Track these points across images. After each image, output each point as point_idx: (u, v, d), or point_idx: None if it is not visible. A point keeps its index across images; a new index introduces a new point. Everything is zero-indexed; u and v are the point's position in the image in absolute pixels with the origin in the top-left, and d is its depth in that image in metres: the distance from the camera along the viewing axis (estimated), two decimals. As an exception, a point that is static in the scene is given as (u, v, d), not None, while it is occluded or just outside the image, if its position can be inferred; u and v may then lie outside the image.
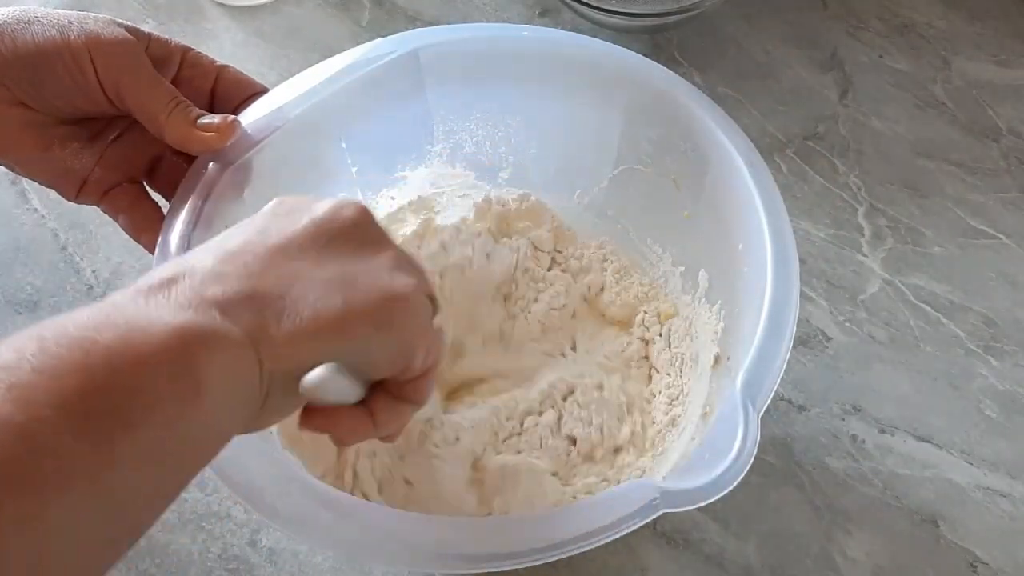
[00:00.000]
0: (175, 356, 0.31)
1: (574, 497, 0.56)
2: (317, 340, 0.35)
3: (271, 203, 0.41)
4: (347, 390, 0.38)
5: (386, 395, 0.40)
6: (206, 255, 0.36)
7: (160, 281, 0.34)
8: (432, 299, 0.41)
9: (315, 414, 0.39)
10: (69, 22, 0.50)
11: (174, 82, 0.54)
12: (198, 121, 0.52)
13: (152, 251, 0.54)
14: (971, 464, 0.62)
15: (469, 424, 0.58)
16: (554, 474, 0.57)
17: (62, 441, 0.28)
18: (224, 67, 0.57)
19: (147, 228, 0.55)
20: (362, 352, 0.37)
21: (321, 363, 0.35)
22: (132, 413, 0.29)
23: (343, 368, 0.36)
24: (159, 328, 0.31)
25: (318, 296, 0.36)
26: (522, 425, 0.59)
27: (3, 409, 0.27)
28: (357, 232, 0.39)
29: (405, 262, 0.40)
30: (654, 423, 0.59)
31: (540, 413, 0.59)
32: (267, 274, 0.36)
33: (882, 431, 0.63)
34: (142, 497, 0.31)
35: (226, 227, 0.54)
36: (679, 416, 0.58)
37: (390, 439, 0.45)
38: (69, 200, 0.55)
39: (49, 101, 0.51)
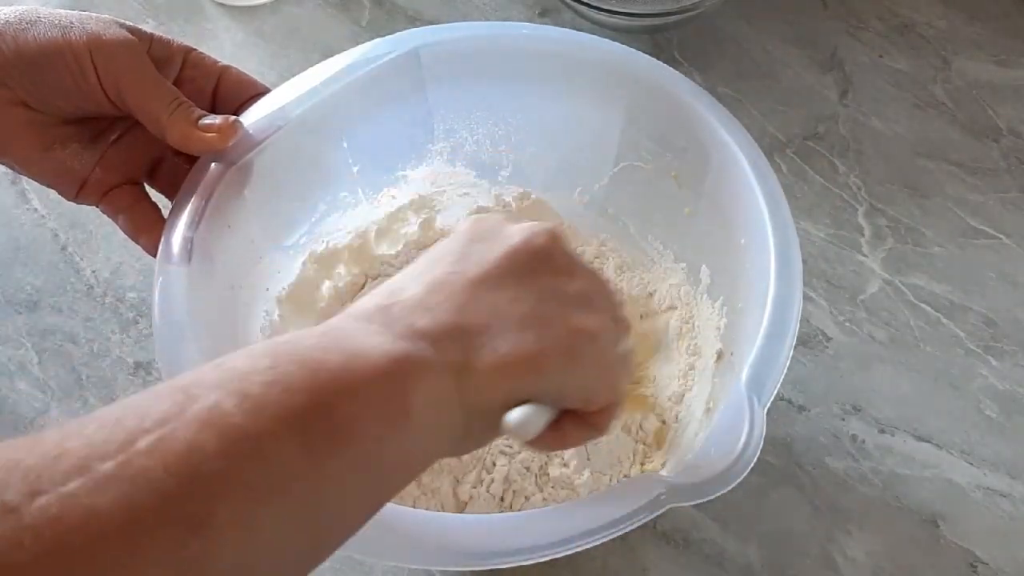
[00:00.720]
0: (389, 383, 0.33)
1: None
2: (513, 377, 0.37)
3: (466, 224, 0.42)
4: (542, 425, 0.39)
5: (574, 419, 0.41)
6: (414, 283, 0.39)
7: (376, 308, 0.37)
8: (620, 322, 0.43)
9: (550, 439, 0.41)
10: (71, 22, 0.50)
11: (176, 82, 0.54)
12: (199, 122, 0.52)
13: (151, 252, 0.54)
14: (971, 464, 0.62)
15: None
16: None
17: (283, 452, 0.30)
18: (226, 68, 0.57)
19: (146, 229, 0.55)
20: (552, 387, 0.39)
21: (518, 400, 0.38)
22: (347, 433, 0.32)
23: (541, 406, 0.38)
24: (378, 356, 0.34)
25: (515, 333, 0.38)
26: None
27: (237, 419, 0.29)
28: (550, 261, 0.41)
29: (596, 292, 0.42)
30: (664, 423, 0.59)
31: None
32: (469, 308, 0.38)
33: (882, 431, 0.63)
34: (347, 510, 0.33)
35: (228, 227, 0.54)
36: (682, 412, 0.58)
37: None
38: (69, 200, 0.55)
39: (50, 101, 0.51)
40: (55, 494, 0.25)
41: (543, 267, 0.41)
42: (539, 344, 0.38)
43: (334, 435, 0.31)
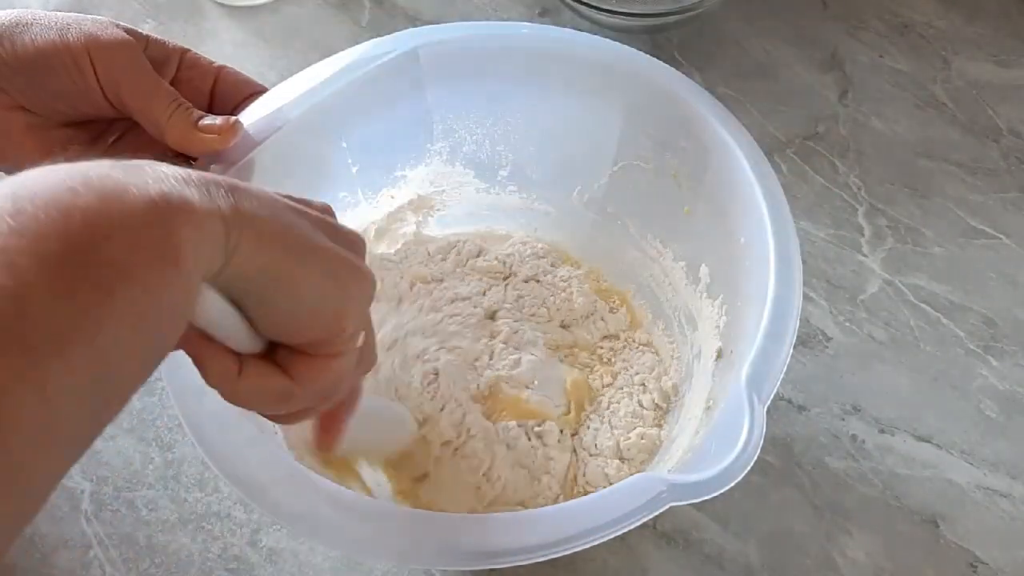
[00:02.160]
0: (153, 223, 0.31)
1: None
2: (272, 247, 0.35)
3: None
4: (236, 324, 0.37)
5: (303, 355, 0.39)
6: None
7: (132, 163, 0.34)
8: (370, 279, 0.41)
9: (192, 337, 0.38)
10: (67, 24, 0.50)
11: (173, 83, 0.54)
12: (199, 123, 0.52)
13: None
14: (971, 464, 0.62)
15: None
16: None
17: (52, 305, 0.28)
18: (222, 67, 0.57)
19: None
20: (296, 282, 0.36)
21: (258, 280, 0.35)
22: (113, 278, 0.29)
23: (232, 305, 0.36)
24: (137, 194, 0.31)
25: (292, 220, 0.36)
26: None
27: None
28: (325, 211, 0.41)
29: (361, 247, 0.41)
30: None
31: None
32: (248, 186, 0.36)
33: (882, 431, 0.63)
34: (128, 359, 0.31)
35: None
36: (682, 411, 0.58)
37: (325, 440, 0.46)
38: None
39: (49, 104, 0.51)
40: None
41: (324, 210, 0.40)
42: (307, 236, 0.37)
43: (99, 283, 0.29)
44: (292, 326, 0.38)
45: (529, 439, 0.58)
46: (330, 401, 0.43)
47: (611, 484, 0.55)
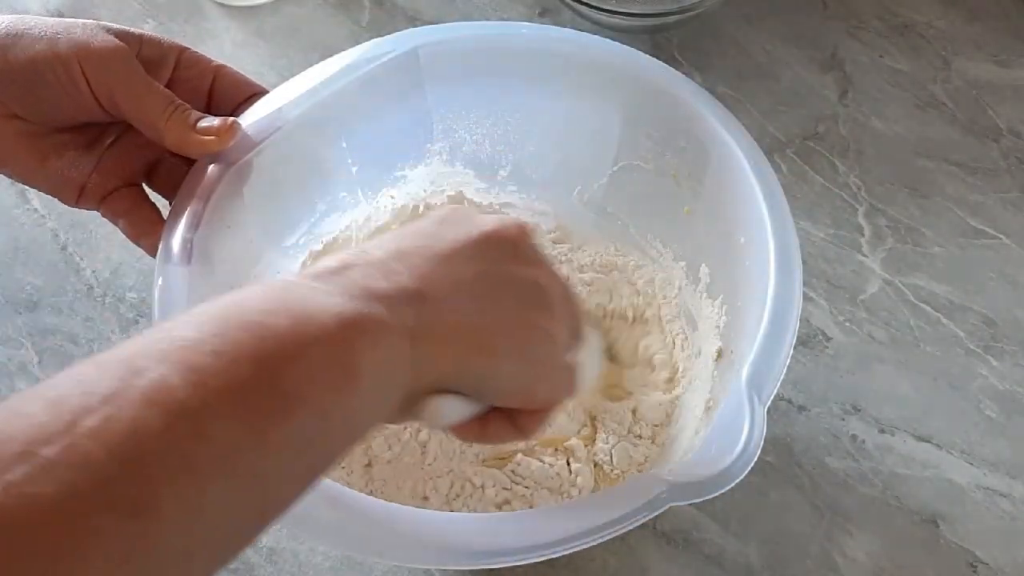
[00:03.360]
0: (338, 346, 0.33)
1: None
2: (462, 351, 0.37)
3: (443, 210, 0.43)
4: (462, 411, 0.40)
5: (502, 418, 0.42)
6: (378, 250, 0.38)
7: (332, 269, 0.36)
8: (575, 333, 0.44)
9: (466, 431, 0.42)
10: (57, 33, 0.49)
11: (169, 83, 0.54)
12: (197, 125, 0.51)
13: (153, 254, 0.53)
14: (971, 464, 0.62)
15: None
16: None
17: (228, 428, 0.29)
18: (221, 67, 0.56)
19: (146, 232, 0.54)
20: (496, 373, 0.39)
21: (461, 379, 0.38)
22: (292, 404, 0.31)
23: (466, 400, 0.39)
24: (326, 318, 0.33)
25: (473, 308, 0.38)
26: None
27: (181, 393, 0.29)
28: (518, 251, 0.41)
29: (558, 294, 0.42)
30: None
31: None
32: (430, 277, 0.38)
33: (882, 431, 0.63)
34: (290, 481, 0.32)
35: (228, 228, 0.54)
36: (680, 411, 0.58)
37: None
38: (70, 206, 0.55)
39: (44, 112, 0.51)
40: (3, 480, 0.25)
41: (510, 256, 0.41)
42: (494, 325, 0.38)
43: (280, 406, 0.31)
44: (504, 401, 0.41)
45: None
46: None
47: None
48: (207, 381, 0.29)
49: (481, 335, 0.38)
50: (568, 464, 0.57)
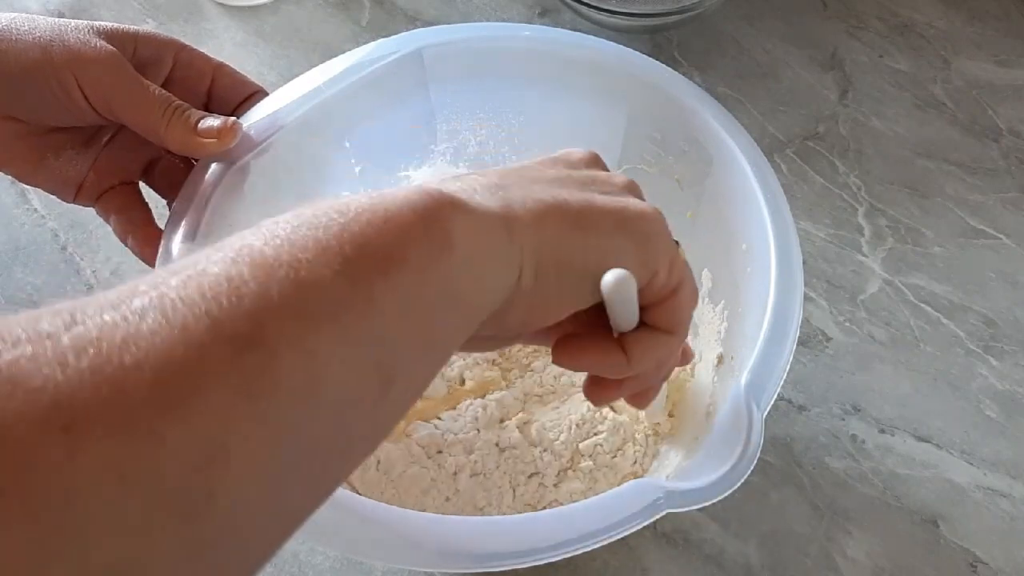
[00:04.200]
0: (422, 212, 0.32)
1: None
2: (561, 226, 0.36)
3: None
4: (632, 305, 0.39)
5: (640, 331, 0.41)
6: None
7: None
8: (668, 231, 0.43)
9: (568, 343, 0.41)
10: (50, 40, 0.49)
11: (168, 81, 0.54)
12: (199, 126, 0.51)
13: (139, 254, 0.54)
14: (971, 464, 0.62)
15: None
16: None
17: (324, 279, 0.29)
18: (220, 66, 0.56)
19: (135, 231, 0.54)
20: (605, 251, 0.38)
21: (572, 255, 0.37)
22: (388, 262, 0.30)
23: (633, 279, 0.37)
24: (407, 192, 0.33)
25: (560, 193, 0.38)
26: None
27: (269, 251, 0.28)
28: (592, 163, 0.42)
29: (640, 193, 0.42)
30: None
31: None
32: (509, 176, 0.38)
33: (882, 431, 0.63)
34: (401, 348, 0.31)
35: (229, 228, 0.54)
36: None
37: (643, 398, 0.46)
38: (67, 203, 0.55)
39: (40, 116, 0.51)
40: (92, 323, 0.24)
41: (586, 165, 0.42)
42: (588, 202, 0.38)
43: (374, 263, 0.30)
44: (639, 275, 0.39)
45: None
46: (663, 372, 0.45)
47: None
48: (293, 242, 0.29)
49: (574, 213, 0.37)
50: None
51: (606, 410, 0.58)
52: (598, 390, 0.43)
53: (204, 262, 0.28)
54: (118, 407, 0.23)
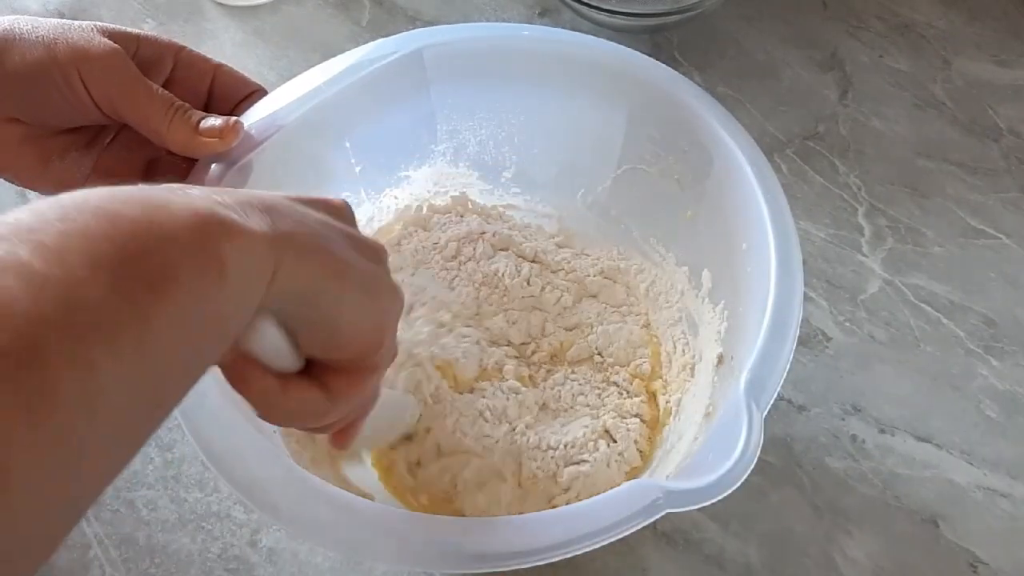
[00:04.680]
0: (198, 236, 0.31)
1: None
2: (322, 272, 0.36)
3: None
4: (284, 351, 0.37)
5: (308, 380, 0.39)
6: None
7: (178, 185, 0.34)
8: (399, 294, 0.42)
9: (236, 366, 0.38)
10: (54, 39, 0.49)
11: (168, 82, 0.54)
12: (200, 126, 0.51)
13: None
14: (971, 464, 0.62)
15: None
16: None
17: (101, 298, 0.27)
18: (220, 66, 0.56)
19: None
20: (340, 303, 0.37)
21: (306, 300, 0.36)
22: (163, 282, 0.29)
23: (283, 330, 0.36)
24: (181, 208, 0.31)
25: (326, 236, 0.37)
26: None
27: (38, 266, 0.26)
28: (348, 216, 0.41)
29: (384, 257, 0.41)
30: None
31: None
32: (277, 205, 0.36)
33: (882, 431, 0.63)
34: (177, 368, 0.31)
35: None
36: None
37: (340, 440, 0.45)
38: None
39: (43, 116, 0.51)
40: None
41: (349, 220, 0.40)
42: (344, 255, 0.37)
43: (149, 284, 0.29)
44: (333, 343, 0.38)
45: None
46: (364, 410, 0.44)
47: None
48: (64, 256, 0.27)
49: (334, 257, 0.36)
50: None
51: (599, 439, 0.58)
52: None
53: None
54: None
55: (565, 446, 0.57)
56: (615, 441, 0.57)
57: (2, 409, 0.24)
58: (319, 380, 0.39)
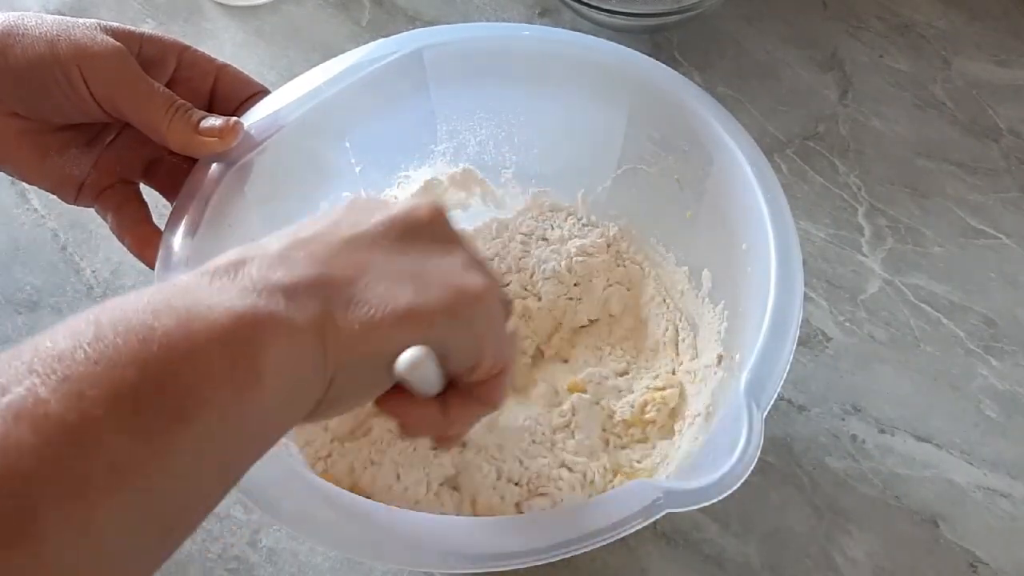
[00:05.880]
0: (234, 343, 0.30)
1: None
2: (386, 329, 0.35)
3: (348, 200, 0.41)
4: (433, 378, 0.38)
5: (459, 391, 0.40)
6: (276, 241, 0.36)
7: (227, 264, 0.34)
8: (505, 303, 0.42)
9: (391, 398, 0.39)
10: (57, 35, 0.49)
11: (171, 82, 0.54)
12: (200, 126, 0.51)
13: (136, 252, 0.54)
14: (971, 464, 0.62)
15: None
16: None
17: (114, 440, 0.27)
18: (223, 66, 0.56)
19: (132, 230, 0.54)
20: (433, 343, 0.36)
21: (404, 347, 0.35)
22: (187, 406, 0.29)
23: (432, 354, 0.36)
24: (220, 313, 0.30)
25: (388, 286, 0.35)
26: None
27: (55, 408, 0.26)
28: (430, 230, 0.39)
29: (478, 263, 0.40)
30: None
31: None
32: (336, 262, 0.35)
33: (882, 431, 0.63)
34: (194, 493, 0.30)
35: (230, 227, 0.54)
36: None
37: (451, 442, 0.46)
38: (68, 203, 0.55)
39: (44, 112, 0.51)
40: None
41: (423, 234, 0.39)
42: (417, 297, 0.36)
43: (172, 412, 0.28)
44: (457, 369, 0.39)
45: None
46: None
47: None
48: (84, 391, 0.27)
49: (403, 309, 0.35)
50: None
51: (569, 455, 0.57)
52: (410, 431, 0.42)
53: None
54: None
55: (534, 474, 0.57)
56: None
57: None
58: (468, 392, 0.40)
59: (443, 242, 0.39)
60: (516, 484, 0.55)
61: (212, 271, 0.33)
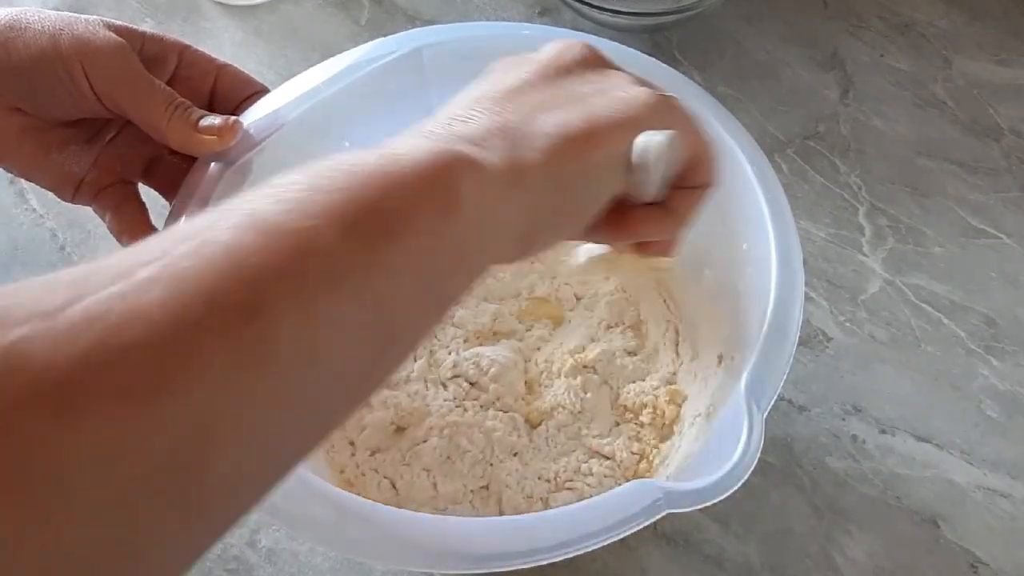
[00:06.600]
0: (431, 174, 0.33)
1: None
2: (570, 152, 0.37)
3: (496, 63, 0.44)
4: (665, 151, 0.39)
5: (680, 189, 0.43)
6: (450, 106, 0.39)
7: (415, 129, 0.37)
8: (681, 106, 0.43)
9: (619, 222, 0.42)
10: (59, 29, 0.49)
11: (171, 80, 0.54)
12: (199, 124, 0.51)
13: None
14: (971, 464, 0.62)
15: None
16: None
17: (330, 244, 0.29)
18: (224, 66, 0.56)
19: (130, 229, 0.54)
20: (622, 153, 0.39)
21: (586, 170, 0.38)
22: (395, 224, 0.31)
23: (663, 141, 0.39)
24: (415, 154, 0.33)
25: (561, 112, 0.38)
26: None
27: (275, 217, 0.28)
28: (586, 63, 0.42)
29: (641, 80, 0.42)
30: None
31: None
32: (508, 109, 0.38)
33: (882, 431, 0.63)
34: (403, 309, 0.32)
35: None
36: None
37: (675, 245, 0.48)
38: (66, 201, 0.55)
39: (45, 107, 0.51)
40: (94, 298, 0.24)
41: (580, 68, 0.42)
42: (589, 114, 0.38)
43: (382, 227, 0.31)
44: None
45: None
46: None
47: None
48: (303, 207, 0.29)
49: (578, 128, 0.38)
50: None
51: (595, 439, 0.58)
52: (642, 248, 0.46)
53: (213, 228, 0.28)
54: (112, 387, 0.24)
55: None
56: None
57: (220, 364, 0.25)
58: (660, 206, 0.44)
59: (600, 70, 0.42)
60: (546, 481, 0.56)
61: (401, 134, 0.36)
